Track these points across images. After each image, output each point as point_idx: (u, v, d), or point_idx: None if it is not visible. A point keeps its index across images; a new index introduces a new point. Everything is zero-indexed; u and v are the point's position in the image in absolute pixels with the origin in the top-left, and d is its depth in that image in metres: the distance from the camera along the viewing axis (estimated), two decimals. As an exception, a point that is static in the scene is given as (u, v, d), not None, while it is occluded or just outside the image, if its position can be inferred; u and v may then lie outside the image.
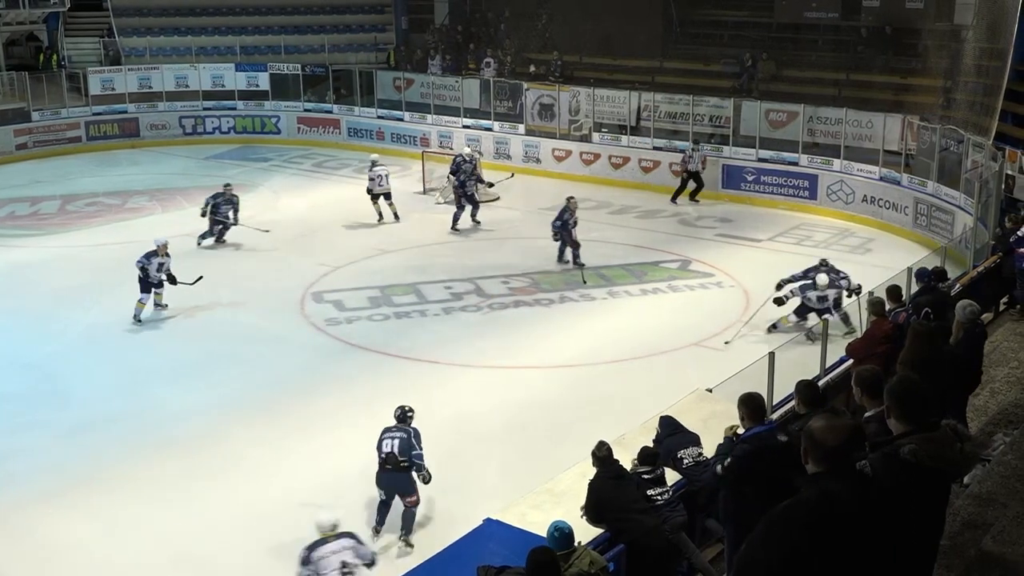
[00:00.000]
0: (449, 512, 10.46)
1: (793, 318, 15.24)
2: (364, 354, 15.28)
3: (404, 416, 10.82)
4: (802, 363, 11.17)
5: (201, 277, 17.34)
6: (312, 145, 30.15)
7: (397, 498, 10.59)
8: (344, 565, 8.50)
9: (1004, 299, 14.27)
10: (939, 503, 4.80)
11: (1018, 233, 13.74)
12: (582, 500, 8.36)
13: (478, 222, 21.65)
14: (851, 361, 10.53)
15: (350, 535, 8.75)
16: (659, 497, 8.38)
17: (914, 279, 12.43)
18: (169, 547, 10.45)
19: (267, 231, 20.94)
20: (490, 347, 15.30)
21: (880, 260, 18.50)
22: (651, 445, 8.95)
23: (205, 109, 31.44)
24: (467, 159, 22.91)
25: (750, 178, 23.61)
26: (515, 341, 15.63)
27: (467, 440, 12.47)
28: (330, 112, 30.87)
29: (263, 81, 31.58)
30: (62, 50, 33.34)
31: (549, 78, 29.33)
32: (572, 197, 19.27)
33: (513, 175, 23.75)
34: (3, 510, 11.15)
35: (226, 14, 35.06)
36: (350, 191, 25.28)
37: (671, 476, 8.86)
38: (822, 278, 14.94)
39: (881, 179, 21.71)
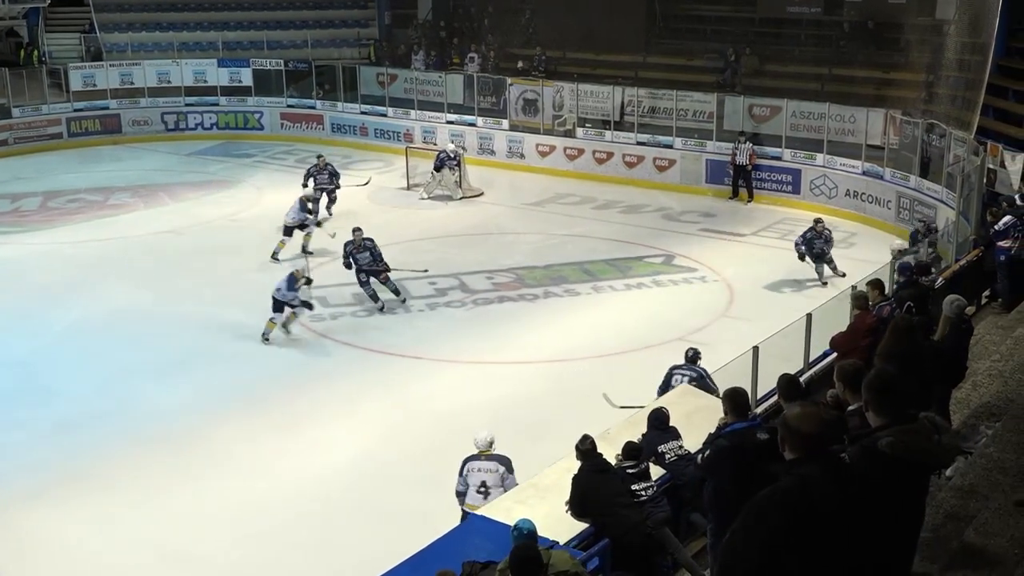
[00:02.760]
0: (433, 508, 10.45)
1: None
2: (348, 350, 15.26)
3: None
4: (786, 357, 11.20)
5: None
6: (295, 141, 30.04)
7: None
8: (483, 484, 9.26)
9: (986, 293, 14.36)
10: (918, 495, 4.83)
11: (996, 227, 13.79)
12: (567, 494, 8.37)
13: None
14: (835, 355, 10.58)
15: (502, 459, 9.42)
16: (643, 492, 8.40)
17: (896, 273, 12.50)
18: (153, 545, 10.43)
19: (367, 183, 21.90)
20: (474, 342, 15.30)
21: (863, 254, 18.56)
22: (636, 440, 8.96)
23: (187, 105, 31.26)
24: (451, 155, 22.91)
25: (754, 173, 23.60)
26: (499, 336, 15.63)
27: (451, 435, 12.39)
28: (313, 108, 30.77)
29: (246, 77, 31.42)
30: (42, 46, 33.15)
31: (533, 73, 29.33)
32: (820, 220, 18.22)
33: (369, 181, 23.60)
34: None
35: (208, 9, 34.92)
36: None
37: (655, 472, 8.87)
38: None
39: (864, 173, 21.79)
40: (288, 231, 19.48)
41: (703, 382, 11.09)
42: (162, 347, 15.38)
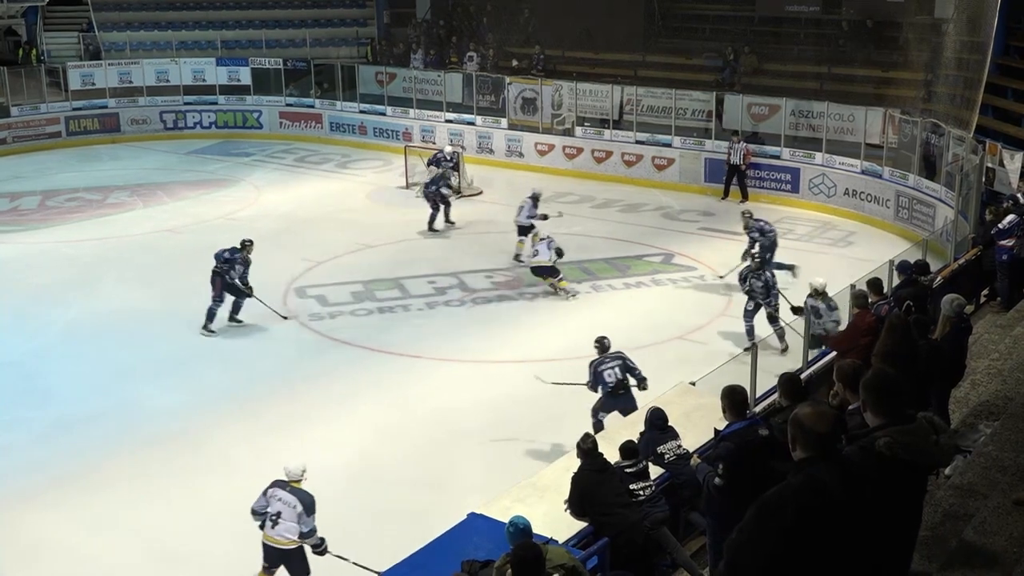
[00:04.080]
0: (433, 506, 10.45)
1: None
2: (347, 349, 15.25)
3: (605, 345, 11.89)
4: (786, 355, 11.22)
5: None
6: (294, 140, 30.06)
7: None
8: (278, 515, 9.02)
9: (985, 292, 14.36)
10: (916, 495, 4.83)
11: (999, 226, 13.80)
12: (566, 494, 8.38)
13: (451, 222, 21.42)
14: (834, 354, 10.58)
15: (304, 498, 9.04)
16: (641, 492, 8.40)
17: (895, 272, 12.50)
18: (149, 545, 10.43)
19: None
20: (474, 341, 15.30)
21: (862, 253, 18.59)
22: (634, 439, 8.96)
23: (186, 104, 31.27)
24: (448, 157, 22.87)
25: (748, 172, 23.59)
26: (499, 335, 15.63)
27: (450, 434, 12.48)
28: (312, 107, 30.75)
29: (244, 76, 31.42)
30: (41, 45, 33.12)
31: (531, 72, 29.32)
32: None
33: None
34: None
35: (207, 8, 34.91)
36: (333, 186, 25.30)
37: (654, 471, 8.88)
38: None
39: (863, 172, 21.79)
40: (523, 231, 18.83)
41: (627, 363, 11.67)
42: (160, 347, 15.37)
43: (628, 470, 8.47)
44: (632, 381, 11.61)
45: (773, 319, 14.41)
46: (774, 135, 23.59)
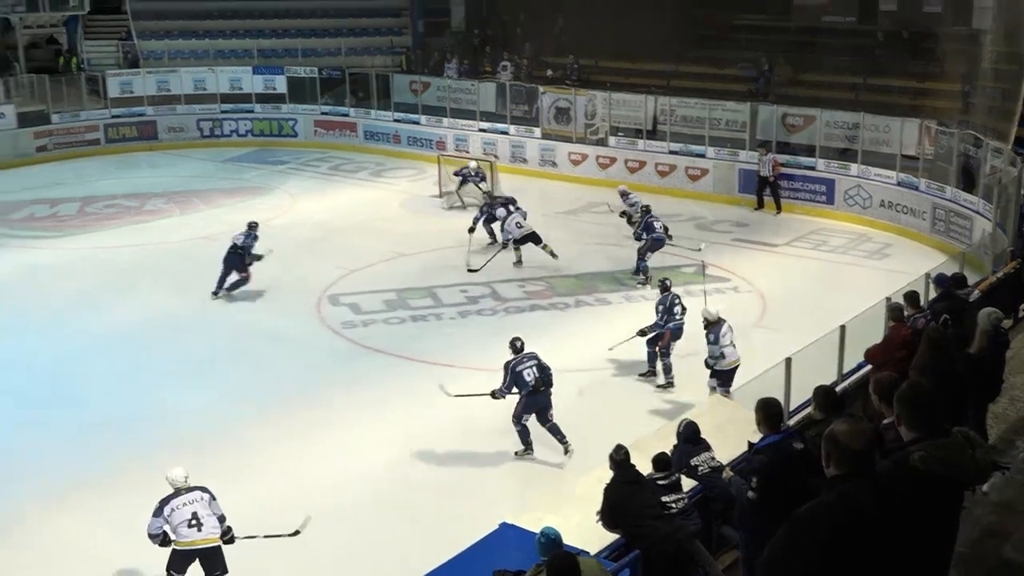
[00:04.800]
0: (464, 515, 10.44)
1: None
2: (379, 357, 15.28)
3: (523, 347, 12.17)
4: (820, 368, 11.12)
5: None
6: (329, 148, 30.21)
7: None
8: (194, 516, 9.06)
9: (1023, 306, 14.18)
10: (951, 510, 4.76)
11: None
12: (598, 505, 8.34)
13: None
14: (869, 367, 10.48)
15: (203, 489, 9.27)
16: (674, 504, 8.34)
17: (932, 285, 12.37)
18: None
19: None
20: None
21: (898, 265, 18.42)
22: (667, 451, 8.91)
23: (223, 112, 31.54)
24: (473, 172, 22.93)
25: (780, 183, 23.46)
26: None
27: (483, 443, 12.46)
28: (347, 115, 30.91)
29: (280, 84, 31.66)
30: (81, 53, 33.57)
31: (565, 82, 29.33)
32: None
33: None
34: (14, 509, 11.18)
35: (244, 18, 35.18)
36: (367, 194, 25.40)
37: (686, 484, 8.82)
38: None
39: (899, 184, 21.59)
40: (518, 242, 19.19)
41: (541, 363, 12.02)
42: (193, 351, 15.48)
43: (661, 482, 8.42)
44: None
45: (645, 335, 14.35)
46: (809, 146, 23.44)
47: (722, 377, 12.72)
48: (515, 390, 12.00)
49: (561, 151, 26.63)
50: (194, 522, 9.08)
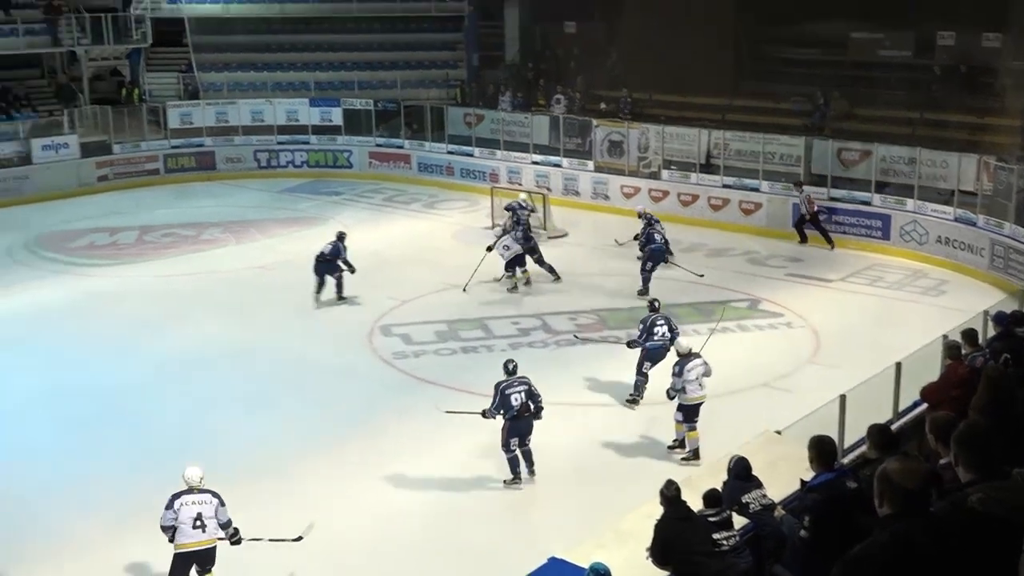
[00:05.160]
0: (513, 549, 10.42)
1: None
2: (430, 388, 15.32)
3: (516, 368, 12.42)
4: (875, 406, 10.97)
5: None
6: (383, 179, 30.50)
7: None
8: (199, 517, 9.62)
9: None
10: (1010, 554, 4.67)
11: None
12: (647, 541, 8.28)
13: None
14: (925, 405, 10.32)
15: (214, 493, 9.79)
16: (725, 542, 8.25)
17: (991, 323, 12.18)
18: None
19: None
20: (556, 383, 15.17)
21: (954, 303, 18.15)
22: (718, 487, 8.83)
23: (279, 143, 32.01)
24: (522, 205, 22.96)
25: (821, 217, 23.32)
26: (581, 378, 15.57)
27: (534, 478, 12.42)
28: (401, 147, 31.22)
29: (336, 116, 32.07)
30: (143, 85, 34.22)
31: (619, 115, 29.40)
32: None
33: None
34: (82, 534, 11.34)
35: (301, 51, 35.73)
36: (420, 225, 25.57)
37: (738, 521, 8.72)
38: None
39: (956, 220, 21.31)
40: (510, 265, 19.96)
41: (532, 390, 12.22)
42: (246, 379, 15.64)
43: (712, 519, 8.34)
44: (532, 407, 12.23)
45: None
46: (864, 181, 23.24)
47: (685, 411, 12.89)
48: (502, 412, 12.20)
49: (614, 184, 26.66)
50: (198, 523, 9.62)
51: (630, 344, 14.80)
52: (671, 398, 12.99)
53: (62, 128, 30.24)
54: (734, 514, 8.69)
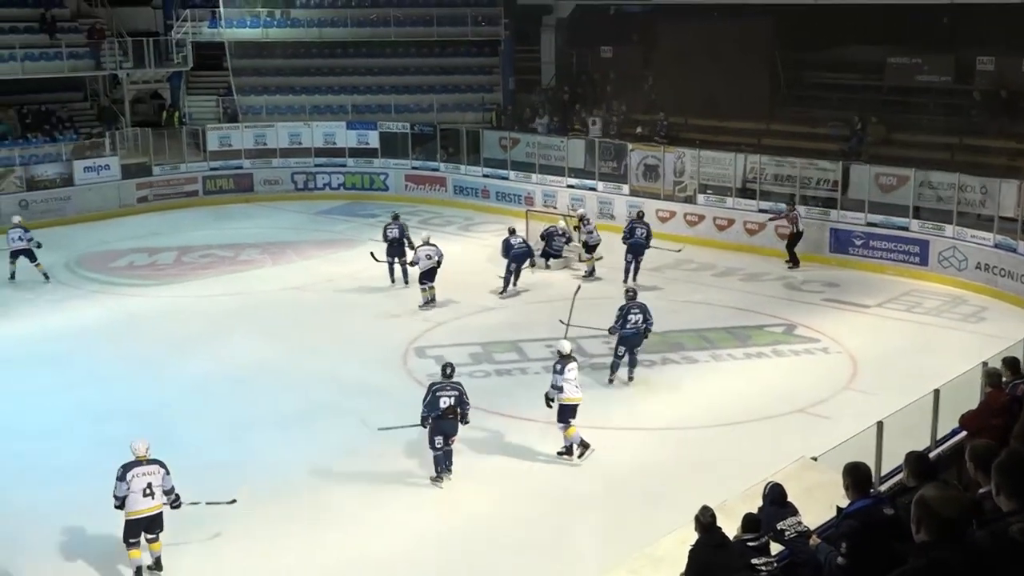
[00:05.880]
0: (546, 574, 10.38)
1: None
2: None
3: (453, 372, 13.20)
4: (912, 434, 10.86)
5: None
6: (419, 202, 30.66)
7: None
8: (149, 487, 10.57)
9: None
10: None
11: None
12: (682, 566, 8.22)
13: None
14: (964, 433, 10.21)
15: (160, 463, 10.75)
16: (763, 568, 8.18)
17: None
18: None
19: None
20: (590, 407, 15.14)
21: (994, 330, 17.96)
22: (755, 512, 8.76)
23: (316, 165, 32.31)
24: (559, 232, 23.02)
25: (858, 242, 23.20)
26: (615, 402, 15.53)
27: (564, 501, 12.41)
28: (437, 170, 31.39)
29: (373, 139, 32.35)
30: (184, 108, 34.71)
31: (654, 139, 29.39)
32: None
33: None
34: (108, 552, 11.41)
35: (339, 75, 36.07)
36: (455, 247, 25.58)
37: (774, 548, 8.65)
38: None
39: (996, 246, 21.10)
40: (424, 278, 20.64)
41: (463, 398, 12.85)
42: (284, 401, 15.72)
43: (751, 544, 8.27)
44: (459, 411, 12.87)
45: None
46: (902, 206, 23.07)
47: (562, 411, 13.53)
48: (429, 411, 12.81)
49: (649, 208, 26.57)
50: (148, 491, 10.59)
51: (610, 331, 16.19)
52: (550, 404, 13.70)
53: (104, 150, 30.71)
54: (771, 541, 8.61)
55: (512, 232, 22.22)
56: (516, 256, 21.92)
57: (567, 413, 13.51)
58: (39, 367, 17.37)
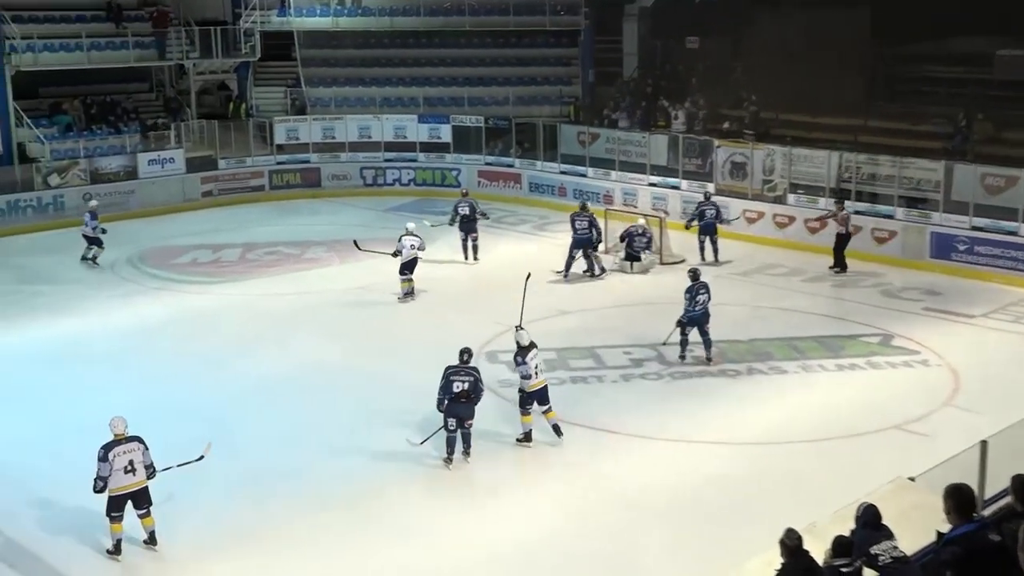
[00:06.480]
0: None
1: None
2: (538, 420, 15.28)
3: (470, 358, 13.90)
4: (1020, 455, 10.57)
5: None
6: (492, 199, 30.63)
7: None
8: (130, 463, 11.27)
9: None
10: None
11: None
12: (767, 591, 8.10)
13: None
14: (1076, 455, 9.91)
15: (139, 439, 11.45)
16: (854, 595, 8.03)
17: None
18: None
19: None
20: (670, 419, 15.11)
21: (1111, 344, 17.45)
22: (846, 534, 8.60)
23: (386, 160, 32.59)
24: (639, 231, 22.85)
25: (962, 248, 22.68)
26: (697, 413, 15.39)
27: (642, 517, 12.31)
28: (511, 166, 31.45)
29: (445, 133, 32.54)
30: (251, 99, 35.23)
31: (742, 135, 29.09)
32: None
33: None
34: (176, 556, 11.61)
35: (411, 66, 36.31)
36: (529, 247, 25.68)
37: (867, 573, 8.48)
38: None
39: (1115, 253, 20.51)
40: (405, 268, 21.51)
41: (479, 385, 13.64)
42: (348, 405, 15.82)
43: (842, 569, 8.12)
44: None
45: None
46: (1011, 209, 22.50)
47: (523, 398, 14.28)
48: (440, 392, 13.64)
49: (735, 208, 26.35)
50: (130, 468, 11.28)
51: (680, 321, 17.29)
52: (522, 390, 14.30)
53: (168, 142, 31.30)
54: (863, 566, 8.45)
55: (583, 208, 23.28)
56: (578, 242, 22.38)
57: (529, 401, 14.28)
58: (99, 364, 17.73)
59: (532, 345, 14.50)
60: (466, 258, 24.23)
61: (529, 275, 17.52)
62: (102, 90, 32.97)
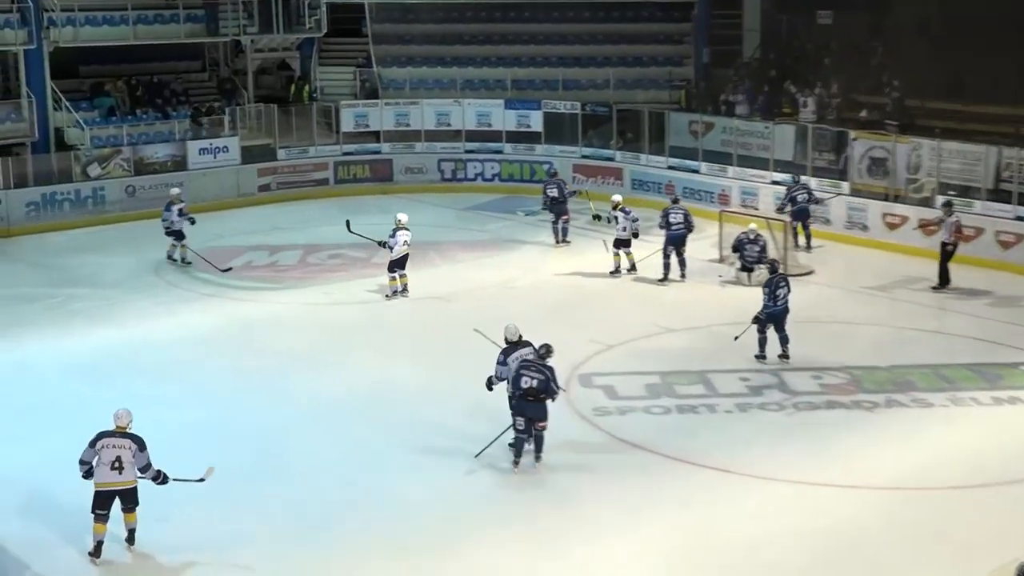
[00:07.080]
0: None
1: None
2: (638, 453, 15.19)
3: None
4: None
5: None
6: (589, 198, 30.59)
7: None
8: (118, 460, 11.77)
9: None
10: None
11: None
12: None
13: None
14: None
15: (135, 438, 11.91)
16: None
17: None
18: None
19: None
20: (794, 456, 14.90)
21: None
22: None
23: (467, 152, 32.77)
24: (752, 238, 22.47)
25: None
26: (825, 451, 15.15)
27: (760, 572, 12.14)
28: (611, 160, 31.38)
29: (535, 121, 32.57)
30: (315, 81, 35.58)
31: (883, 126, 28.67)
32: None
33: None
34: None
35: (497, 43, 36.41)
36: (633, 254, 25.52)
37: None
38: None
39: None
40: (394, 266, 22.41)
41: (551, 385, 14.08)
42: (418, 430, 15.85)
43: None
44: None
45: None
46: None
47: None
48: (509, 386, 14.35)
49: (874, 211, 26.01)
50: (116, 465, 11.77)
51: (758, 317, 18.16)
52: (491, 388, 15.00)
53: (222, 129, 31.66)
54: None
55: (675, 202, 24.21)
56: (672, 239, 22.59)
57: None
58: (139, 378, 17.99)
59: (522, 343, 14.99)
60: (556, 242, 26.31)
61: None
62: (149, 69, 33.51)
